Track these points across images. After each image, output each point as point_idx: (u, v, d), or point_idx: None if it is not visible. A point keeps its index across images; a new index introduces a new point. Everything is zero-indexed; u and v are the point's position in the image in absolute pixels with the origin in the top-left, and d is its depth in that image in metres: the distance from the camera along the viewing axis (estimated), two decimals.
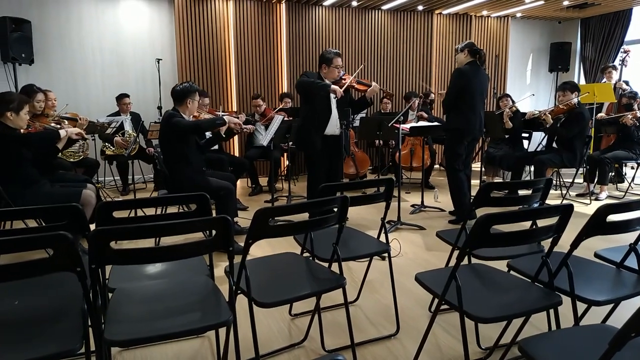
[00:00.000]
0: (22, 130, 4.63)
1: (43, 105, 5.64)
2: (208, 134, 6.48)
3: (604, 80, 9.05)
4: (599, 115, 7.92)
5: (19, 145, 4.41)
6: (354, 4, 9.56)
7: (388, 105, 9.41)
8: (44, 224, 3.46)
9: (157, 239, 4.32)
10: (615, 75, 8.70)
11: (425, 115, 8.04)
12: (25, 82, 7.58)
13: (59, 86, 7.93)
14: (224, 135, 5.37)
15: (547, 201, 3.44)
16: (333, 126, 5.59)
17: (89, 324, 2.04)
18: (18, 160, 4.42)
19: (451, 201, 6.00)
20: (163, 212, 4.76)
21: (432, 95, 9.85)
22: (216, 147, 6.62)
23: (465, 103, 5.64)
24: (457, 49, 5.86)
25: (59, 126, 5.21)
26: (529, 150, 8.05)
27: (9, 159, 4.38)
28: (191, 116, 5.17)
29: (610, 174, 7.56)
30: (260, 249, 4.82)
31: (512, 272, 2.80)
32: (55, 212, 2.65)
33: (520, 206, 4.53)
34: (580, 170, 7.60)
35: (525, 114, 7.65)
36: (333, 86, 5.36)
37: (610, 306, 2.97)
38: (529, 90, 11.88)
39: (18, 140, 4.41)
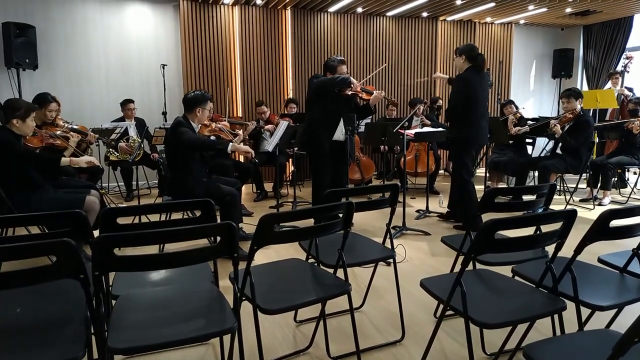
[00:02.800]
0: (29, 139, 4.65)
1: (54, 115, 5.67)
2: None
3: (609, 85, 9.06)
4: None
5: (22, 160, 4.41)
6: (359, 10, 9.58)
7: (393, 112, 9.42)
8: (47, 231, 3.46)
9: (161, 245, 4.33)
10: (620, 82, 8.72)
11: (428, 122, 8.04)
12: (29, 87, 7.65)
13: (63, 92, 7.96)
14: (229, 152, 5.35)
15: (551, 206, 3.44)
16: (338, 132, 5.60)
17: (92, 331, 2.04)
18: (21, 166, 4.42)
19: (456, 207, 5.98)
20: (167, 218, 4.77)
21: (440, 102, 9.87)
22: None
23: (474, 111, 5.58)
24: (456, 50, 5.79)
25: (67, 138, 5.22)
26: (532, 155, 8.04)
27: (12, 165, 4.39)
28: (200, 125, 5.18)
29: (613, 179, 7.55)
30: (265, 255, 4.82)
31: (516, 278, 2.79)
32: (59, 219, 2.65)
33: (525, 211, 4.52)
34: (584, 175, 7.59)
35: (525, 119, 7.67)
36: (352, 78, 5.39)
37: (614, 311, 2.96)
38: (532, 96, 11.92)
39: (22, 155, 4.41)
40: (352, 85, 5.39)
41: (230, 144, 4.98)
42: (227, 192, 4.93)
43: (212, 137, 6.47)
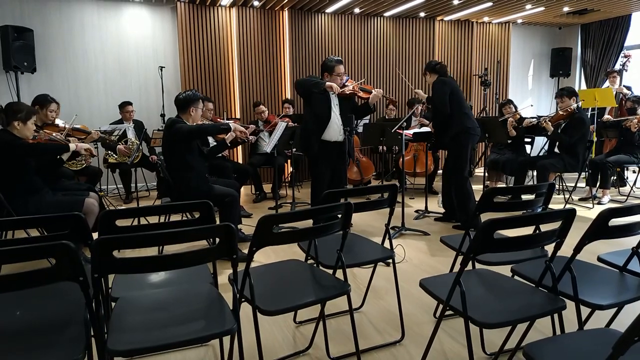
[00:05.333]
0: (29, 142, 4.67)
1: (55, 115, 5.71)
2: (212, 141, 6.50)
3: (607, 84, 9.07)
4: (606, 117, 7.90)
5: (25, 152, 4.45)
6: (357, 11, 9.58)
7: (392, 112, 9.41)
8: (46, 233, 3.47)
9: (161, 247, 4.32)
10: (618, 80, 8.73)
11: (426, 122, 8.03)
12: (28, 90, 7.65)
13: (61, 94, 7.96)
14: (229, 144, 5.38)
15: (550, 206, 3.44)
16: (335, 132, 5.58)
17: (92, 333, 2.04)
18: (21, 168, 4.45)
19: (456, 208, 5.97)
20: (166, 220, 4.77)
21: None
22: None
23: (460, 106, 5.74)
24: (424, 71, 6.06)
25: (68, 139, 5.24)
26: (531, 155, 8.05)
27: (12, 167, 4.41)
28: (195, 124, 5.19)
29: (612, 178, 7.55)
30: (264, 256, 4.82)
31: (516, 277, 2.79)
32: (58, 221, 2.65)
33: (524, 211, 4.51)
34: (583, 174, 7.59)
35: (525, 119, 7.67)
36: (328, 82, 5.37)
37: (613, 310, 2.96)
38: (530, 95, 11.92)
39: (25, 148, 4.44)
40: (328, 90, 5.38)
41: (231, 123, 5.02)
42: (227, 193, 4.93)
43: (211, 138, 6.50)
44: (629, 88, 8.78)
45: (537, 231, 3.11)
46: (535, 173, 7.10)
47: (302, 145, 5.86)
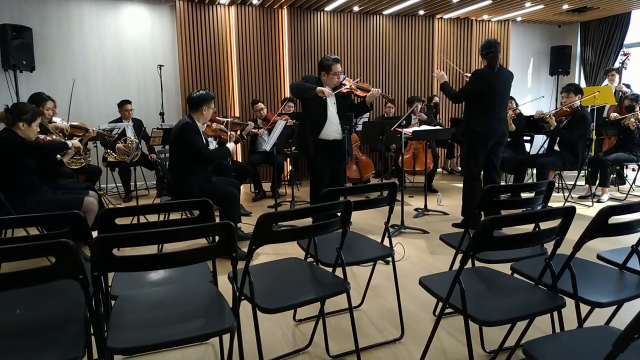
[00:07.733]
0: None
1: (52, 114, 5.71)
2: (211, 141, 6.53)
3: (606, 82, 9.06)
4: (613, 115, 7.87)
5: (27, 152, 4.47)
6: (356, 9, 9.58)
7: (391, 110, 9.41)
8: (45, 232, 3.46)
9: (160, 245, 4.32)
10: (617, 78, 8.72)
11: (424, 117, 8.02)
12: (27, 89, 7.63)
13: (60, 93, 7.91)
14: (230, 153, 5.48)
15: (550, 203, 3.44)
16: (333, 131, 5.58)
17: (92, 332, 2.04)
18: (21, 168, 4.46)
19: (460, 206, 5.95)
20: (166, 218, 4.77)
21: (437, 99, 9.88)
22: None
23: (486, 106, 5.55)
24: None
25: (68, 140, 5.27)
26: (530, 153, 8.05)
27: (12, 166, 4.42)
28: (205, 124, 5.28)
29: (611, 176, 7.55)
30: (264, 254, 4.82)
31: (515, 275, 2.79)
32: (57, 220, 2.65)
33: (523, 209, 4.52)
34: (582, 172, 7.59)
35: (531, 116, 7.66)
36: (319, 88, 5.37)
37: (613, 308, 2.97)
38: (530, 93, 11.90)
39: (28, 148, 4.46)
40: (319, 95, 5.37)
41: (230, 149, 5.27)
42: (227, 192, 4.94)
43: (211, 139, 6.50)
44: (628, 86, 8.78)
45: (537, 229, 3.11)
46: (534, 171, 7.09)
47: (299, 146, 5.86)
